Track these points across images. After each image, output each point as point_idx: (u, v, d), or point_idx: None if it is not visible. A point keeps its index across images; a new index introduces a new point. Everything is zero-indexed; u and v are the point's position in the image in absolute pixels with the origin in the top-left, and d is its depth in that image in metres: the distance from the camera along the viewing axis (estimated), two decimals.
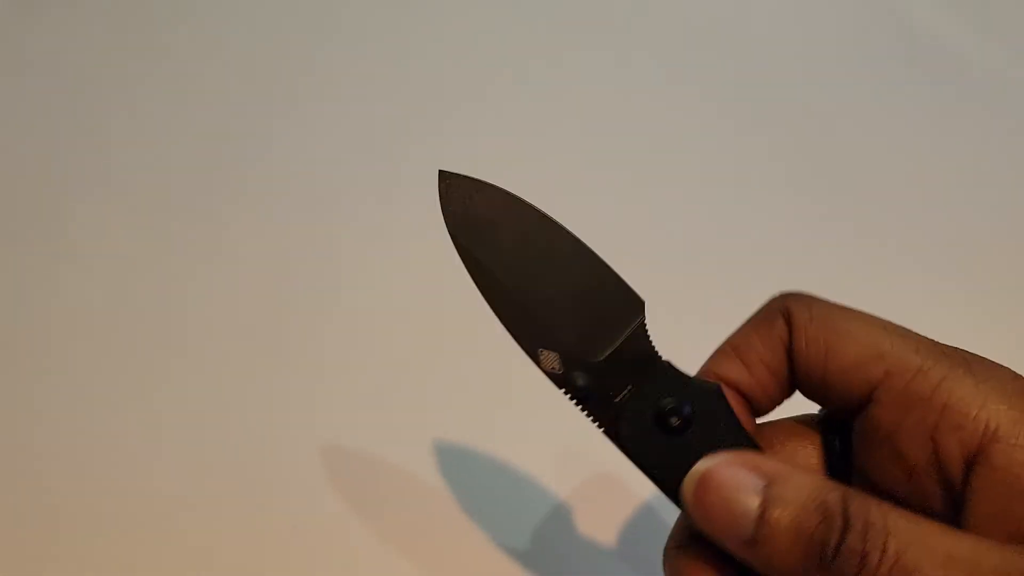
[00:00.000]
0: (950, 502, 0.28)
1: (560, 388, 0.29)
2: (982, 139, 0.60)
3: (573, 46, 0.64)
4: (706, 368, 0.32)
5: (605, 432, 0.29)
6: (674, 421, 0.28)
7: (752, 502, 0.26)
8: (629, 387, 0.29)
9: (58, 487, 0.43)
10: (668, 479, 0.29)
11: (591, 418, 0.29)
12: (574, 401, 0.29)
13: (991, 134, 0.60)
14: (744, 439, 0.29)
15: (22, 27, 0.61)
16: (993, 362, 0.28)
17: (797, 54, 0.64)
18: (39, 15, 0.61)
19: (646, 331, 0.29)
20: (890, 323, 0.30)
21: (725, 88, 0.62)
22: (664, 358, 0.29)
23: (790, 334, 0.31)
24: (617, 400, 0.29)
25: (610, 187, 0.57)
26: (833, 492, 0.26)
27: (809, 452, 0.32)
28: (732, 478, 0.26)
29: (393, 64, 0.61)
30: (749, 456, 0.27)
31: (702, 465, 0.27)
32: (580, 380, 0.29)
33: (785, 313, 0.31)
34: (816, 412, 0.33)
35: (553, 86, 0.61)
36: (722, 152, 0.59)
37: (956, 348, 0.29)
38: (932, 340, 0.29)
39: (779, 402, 0.32)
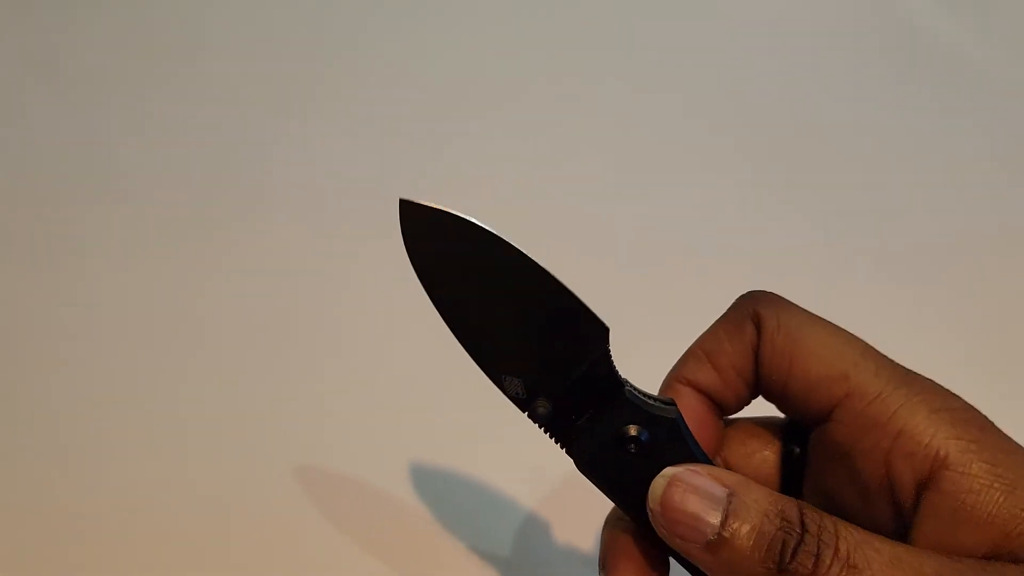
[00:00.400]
0: (900, 524, 0.29)
1: (523, 412, 0.30)
2: (980, 140, 0.60)
3: (559, 54, 0.64)
4: (677, 372, 0.32)
5: (567, 452, 0.30)
6: (632, 448, 0.29)
7: (715, 507, 0.27)
8: (590, 412, 0.30)
9: (55, 488, 0.43)
10: (626, 497, 0.30)
11: (553, 439, 0.30)
12: (537, 424, 0.30)
13: (990, 135, 0.60)
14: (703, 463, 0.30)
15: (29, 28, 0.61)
16: (948, 392, 0.29)
17: (790, 53, 0.64)
18: (53, 19, 0.61)
19: (609, 357, 0.29)
20: (855, 339, 0.30)
21: (715, 88, 0.62)
22: (626, 382, 0.30)
23: (758, 340, 0.31)
24: (579, 423, 0.30)
25: (603, 185, 0.57)
26: (790, 503, 0.27)
27: (768, 455, 0.33)
28: (697, 485, 0.28)
29: (407, 71, 0.62)
30: (712, 468, 0.29)
31: (669, 471, 0.29)
32: (542, 408, 0.30)
33: (754, 318, 0.31)
34: (781, 416, 0.34)
35: (525, 95, 0.61)
36: (715, 154, 0.59)
37: (915, 374, 0.30)
38: (892, 363, 0.30)
39: (747, 402, 0.33)
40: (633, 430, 0.29)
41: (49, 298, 0.49)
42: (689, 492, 0.28)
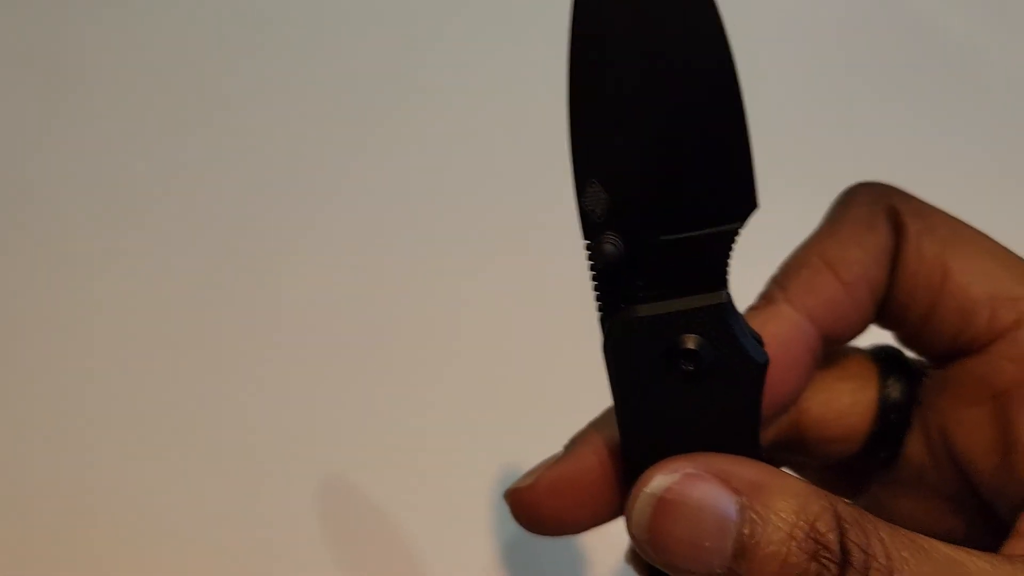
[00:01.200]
0: None
1: (585, 240, 0.21)
2: (992, 137, 0.56)
3: None
4: (785, 286, 0.24)
5: (601, 325, 0.21)
6: (685, 365, 0.21)
7: (726, 530, 0.19)
8: (663, 290, 0.21)
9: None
10: (636, 426, 0.22)
11: (597, 297, 0.21)
12: (590, 265, 0.21)
13: (1000, 132, 0.56)
14: (747, 435, 0.22)
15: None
16: None
17: (797, 48, 0.60)
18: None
19: (732, 243, 0.21)
20: (1017, 255, 0.24)
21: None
22: (729, 291, 0.21)
23: (897, 245, 0.24)
24: (640, 296, 0.21)
25: None
26: (825, 515, 0.19)
27: (867, 396, 0.26)
28: (699, 499, 0.20)
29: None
30: (718, 462, 0.21)
31: (660, 483, 0.20)
32: (611, 245, 0.20)
33: (891, 216, 0.24)
34: (875, 346, 0.27)
35: None
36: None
37: None
38: None
39: (864, 329, 0.25)
40: (699, 343, 0.21)
41: (49, 298, 0.48)
42: (687, 514, 0.20)
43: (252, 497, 0.42)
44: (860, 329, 0.25)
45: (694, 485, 0.20)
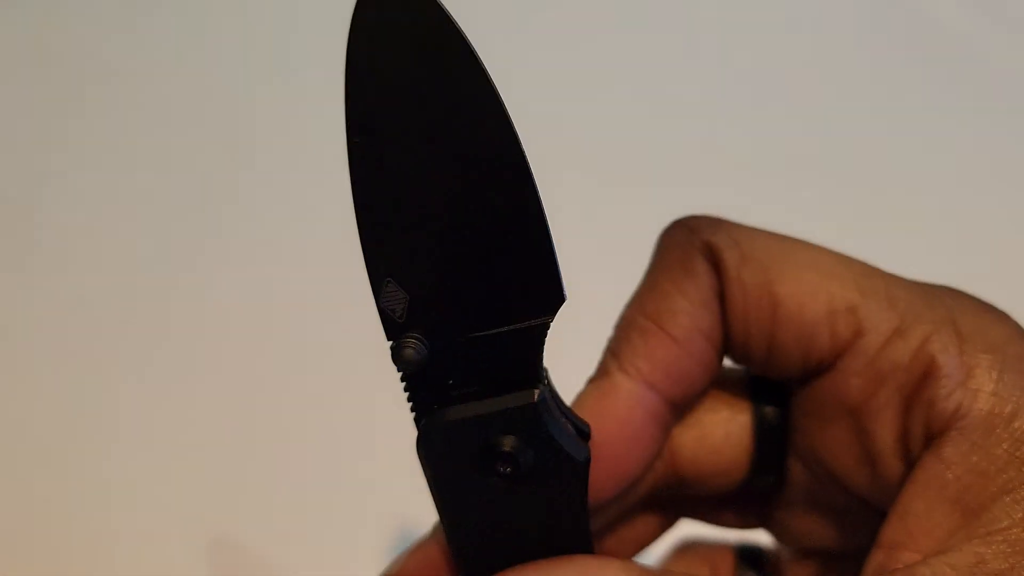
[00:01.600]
0: None
1: (387, 339, 0.19)
2: (1000, 136, 0.55)
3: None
4: (618, 358, 0.23)
5: (415, 422, 0.20)
6: (502, 468, 0.20)
7: None
8: (475, 388, 0.20)
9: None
10: (459, 529, 0.21)
11: (407, 395, 0.20)
12: (397, 366, 0.19)
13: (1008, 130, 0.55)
14: (575, 529, 0.21)
15: None
16: (986, 310, 0.22)
17: (807, 47, 0.59)
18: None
19: (544, 337, 0.20)
20: (847, 258, 0.23)
21: (734, 80, 0.57)
22: (546, 376, 0.20)
23: (720, 282, 0.23)
24: (452, 396, 0.20)
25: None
26: None
27: (740, 426, 0.25)
28: None
29: None
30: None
31: None
32: (412, 349, 0.19)
33: (707, 253, 0.23)
34: (738, 369, 0.26)
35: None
36: (731, 148, 0.54)
37: (937, 290, 0.22)
38: (903, 281, 0.22)
39: (715, 375, 0.24)
40: (516, 444, 0.20)
41: (49, 298, 0.48)
42: None
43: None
44: (707, 380, 0.24)
45: None
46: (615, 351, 0.23)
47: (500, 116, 0.18)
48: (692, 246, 0.23)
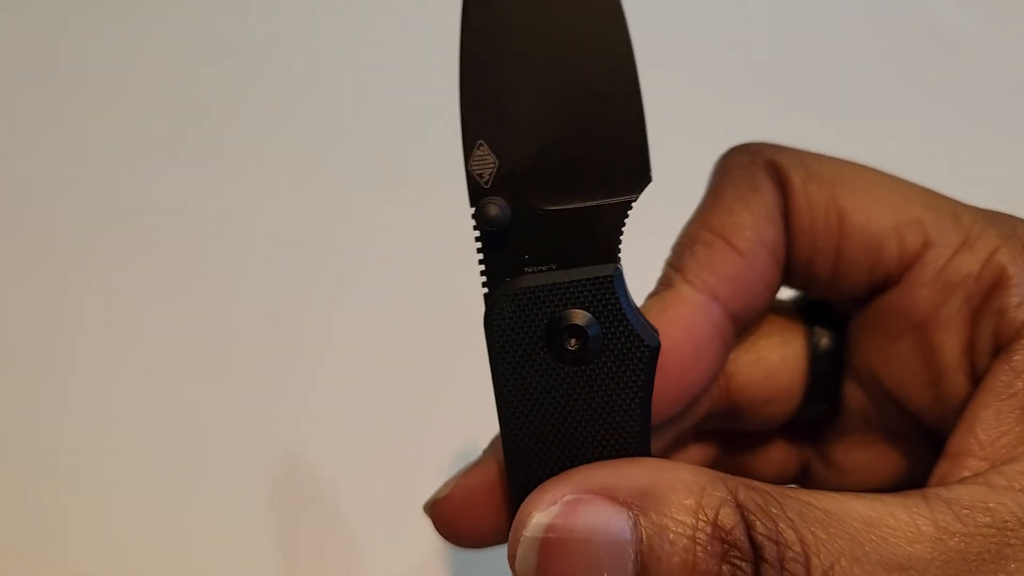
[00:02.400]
0: None
1: (471, 206, 0.20)
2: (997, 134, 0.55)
3: None
4: (681, 268, 0.23)
5: (485, 294, 0.20)
6: (571, 343, 0.20)
7: (623, 554, 0.18)
8: (552, 266, 0.20)
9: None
10: (515, 415, 0.20)
11: (481, 262, 0.20)
12: (476, 234, 0.20)
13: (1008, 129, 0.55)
14: (636, 427, 0.20)
15: None
16: None
17: (809, 45, 0.58)
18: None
19: (625, 217, 0.20)
20: (908, 181, 0.23)
21: (735, 79, 0.56)
22: (621, 265, 0.20)
23: (785, 199, 0.23)
24: (526, 269, 0.20)
25: None
26: (726, 507, 0.18)
27: (795, 351, 0.25)
28: (586, 529, 0.18)
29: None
30: (598, 475, 0.19)
31: (539, 521, 0.18)
32: (495, 208, 0.19)
33: (772, 171, 0.23)
34: (793, 298, 0.26)
35: None
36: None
37: (999, 213, 0.23)
38: (964, 204, 0.23)
39: (776, 293, 0.24)
40: (585, 319, 0.20)
41: (48, 297, 0.47)
42: (576, 550, 0.18)
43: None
44: (769, 296, 0.24)
45: (577, 513, 0.18)
46: (677, 265, 0.23)
47: (623, 41, 0.19)
48: (756, 164, 0.23)
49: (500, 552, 0.21)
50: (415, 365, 0.44)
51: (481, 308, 0.20)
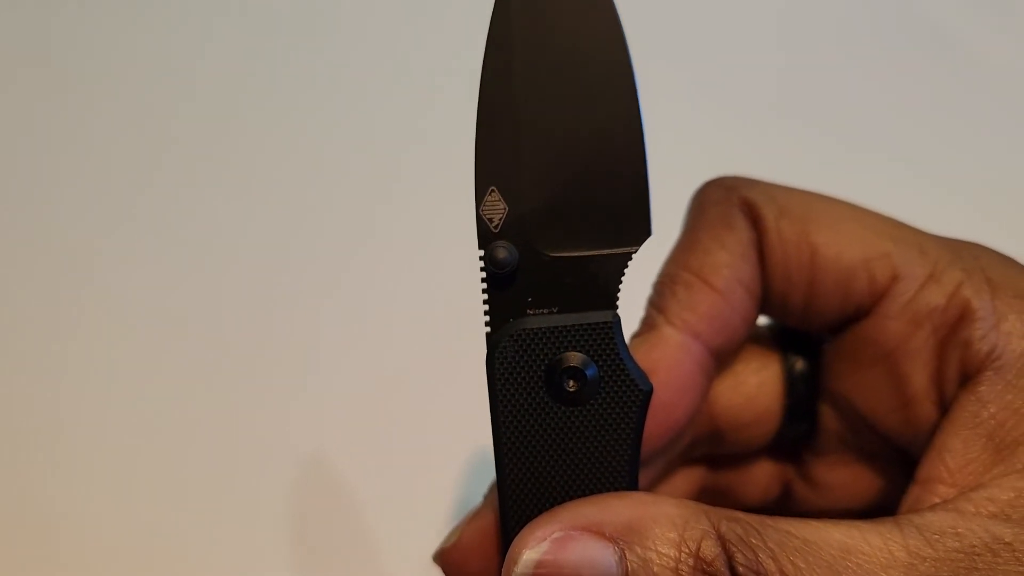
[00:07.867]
0: None
1: (479, 248, 0.21)
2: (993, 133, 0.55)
3: None
4: (663, 310, 0.24)
5: (487, 339, 0.21)
6: (569, 384, 0.21)
7: None
8: (554, 309, 0.21)
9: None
10: (512, 450, 0.21)
11: (486, 304, 0.21)
12: (482, 276, 0.21)
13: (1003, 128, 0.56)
14: (626, 464, 0.22)
15: None
16: (1010, 262, 0.23)
17: (798, 47, 0.59)
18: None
19: (625, 267, 0.21)
20: (876, 212, 0.24)
21: (732, 75, 0.57)
22: (618, 312, 0.22)
23: (759, 235, 0.24)
24: (529, 312, 0.21)
25: None
26: (708, 540, 0.19)
27: (772, 374, 0.26)
28: (575, 564, 0.19)
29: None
30: (586, 511, 0.20)
31: (530, 558, 0.19)
32: (504, 252, 0.21)
33: (745, 208, 0.24)
34: (768, 326, 0.27)
35: None
36: (726, 145, 0.54)
37: (965, 243, 0.24)
38: (930, 234, 0.24)
39: (752, 327, 0.25)
40: (579, 361, 0.21)
41: (47, 297, 0.48)
42: None
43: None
44: (747, 329, 0.25)
45: (565, 550, 0.19)
46: (659, 306, 0.24)
47: (623, 61, 0.21)
48: (730, 202, 0.24)
49: None
50: (416, 365, 0.45)
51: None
